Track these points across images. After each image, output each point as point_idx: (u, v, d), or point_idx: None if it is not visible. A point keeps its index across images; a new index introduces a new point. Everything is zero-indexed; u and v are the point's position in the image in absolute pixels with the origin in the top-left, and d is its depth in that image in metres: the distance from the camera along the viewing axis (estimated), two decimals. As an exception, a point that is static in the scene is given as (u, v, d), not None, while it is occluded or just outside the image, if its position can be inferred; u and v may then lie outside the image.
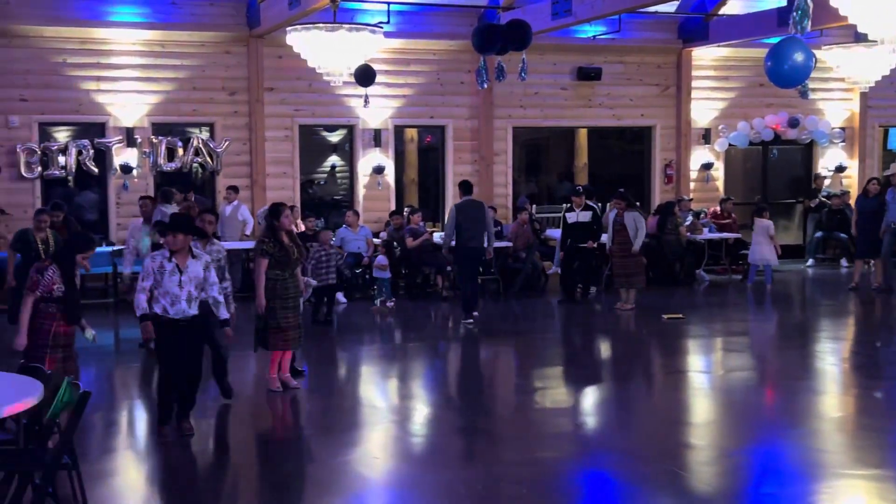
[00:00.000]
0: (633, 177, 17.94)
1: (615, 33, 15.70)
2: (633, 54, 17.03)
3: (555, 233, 14.55)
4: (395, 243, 14.46)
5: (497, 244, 14.59)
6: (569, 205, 13.73)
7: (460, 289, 12.82)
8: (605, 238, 13.47)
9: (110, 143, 14.37)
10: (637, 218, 12.90)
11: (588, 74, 16.74)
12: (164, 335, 7.12)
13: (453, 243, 12.09)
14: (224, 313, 7.38)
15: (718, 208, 16.86)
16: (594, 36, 16.03)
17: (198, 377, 7.33)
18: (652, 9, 15.19)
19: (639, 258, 13.02)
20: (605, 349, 11.49)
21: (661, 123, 17.48)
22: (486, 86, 12.53)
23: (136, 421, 8.22)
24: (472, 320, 12.06)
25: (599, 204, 14.80)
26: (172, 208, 11.64)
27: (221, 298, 7.36)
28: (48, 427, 5.50)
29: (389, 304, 13.15)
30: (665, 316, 12.38)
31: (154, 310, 7.05)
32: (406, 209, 15.08)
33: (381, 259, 13.43)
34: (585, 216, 13.38)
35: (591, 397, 9.12)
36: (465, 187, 12.33)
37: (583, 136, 17.84)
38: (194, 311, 7.15)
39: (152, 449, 7.27)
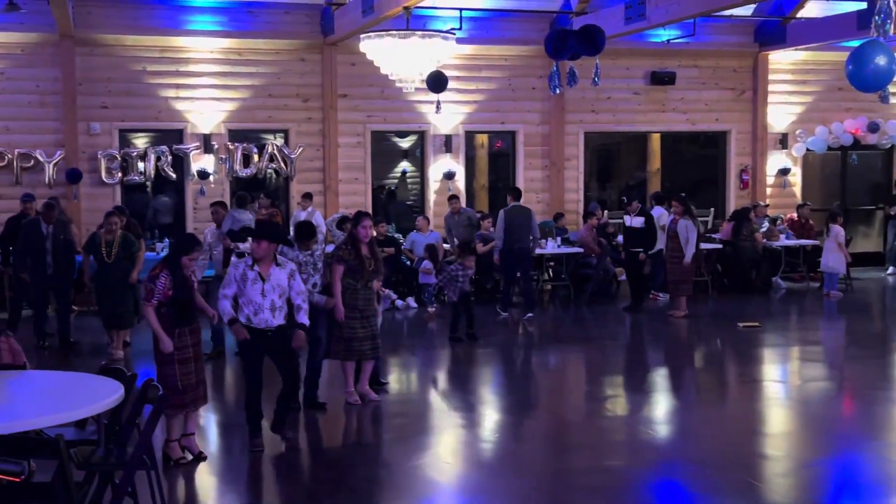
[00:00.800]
0: (708, 182, 17.72)
1: (690, 37, 15.54)
2: (707, 58, 16.81)
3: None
4: (451, 230, 14.35)
5: (567, 250, 14.60)
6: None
7: (503, 287, 13.49)
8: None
9: (188, 149, 14.66)
10: (689, 227, 12.66)
11: (661, 79, 16.58)
12: (248, 345, 7.00)
13: (500, 245, 12.85)
14: (303, 318, 7.15)
15: (795, 215, 16.53)
16: (668, 40, 15.87)
17: (292, 386, 7.25)
18: (727, 12, 15.00)
19: (688, 266, 12.75)
20: (677, 357, 11.34)
21: (736, 128, 17.22)
22: (558, 91, 12.49)
23: (211, 423, 8.36)
24: (527, 315, 12.76)
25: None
26: (245, 214, 11.70)
27: (305, 306, 7.18)
28: (128, 427, 5.63)
29: (431, 309, 13.32)
30: (741, 324, 12.18)
31: (239, 319, 6.97)
32: (477, 215, 15.08)
33: (426, 264, 13.39)
34: (638, 222, 13.27)
35: (663, 406, 9.01)
36: (514, 193, 13.27)
37: (655, 140, 17.67)
38: (279, 320, 7.01)
39: (228, 451, 7.40)
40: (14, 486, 5.04)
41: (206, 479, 6.74)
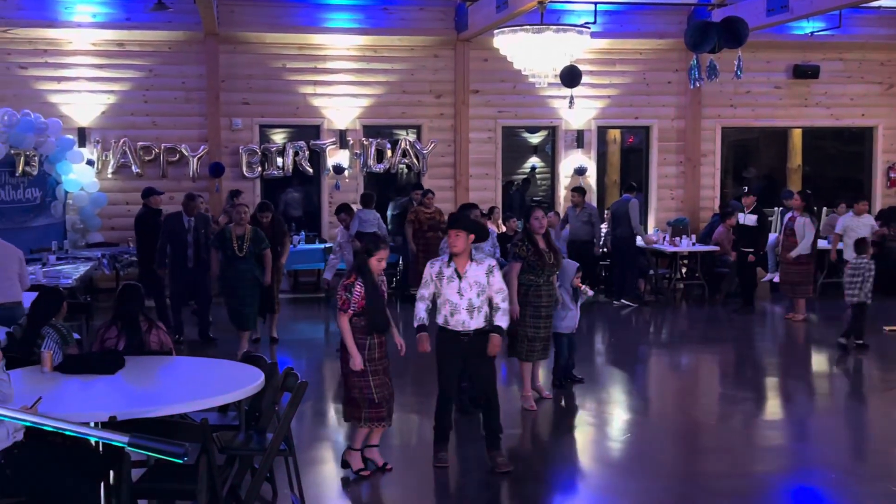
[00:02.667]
0: (852, 180, 17.05)
1: (835, 29, 14.94)
2: (853, 51, 16.16)
3: (770, 237, 13.85)
4: (569, 223, 13.97)
5: (701, 248, 14.24)
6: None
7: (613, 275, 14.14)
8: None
9: (324, 144, 15.00)
10: (807, 224, 12.09)
11: (804, 72, 16.03)
12: (443, 348, 6.53)
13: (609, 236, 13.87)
14: (502, 320, 6.52)
15: (947, 214, 15.70)
16: (812, 32, 15.31)
17: (490, 399, 6.64)
18: (875, 3, 14.37)
19: (807, 266, 12.22)
20: (817, 360, 10.95)
21: (884, 123, 16.51)
22: (698, 85, 12.22)
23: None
24: (628, 303, 13.30)
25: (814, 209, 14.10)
26: (371, 213, 11.64)
27: (505, 305, 6.54)
28: (268, 414, 5.80)
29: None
30: (887, 328, 11.66)
31: (436, 320, 6.54)
32: (606, 212, 14.89)
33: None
34: (750, 220, 12.78)
35: (803, 410, 8.70)
36: (628, 187, 14.09)
37: (797, 136, 17.10)
38: (478, 323, 6.46)
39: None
40: (161, 466, 5.28)
41: (337, 466, 6.85)
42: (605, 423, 8.10)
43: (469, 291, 6.40)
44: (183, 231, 10.86)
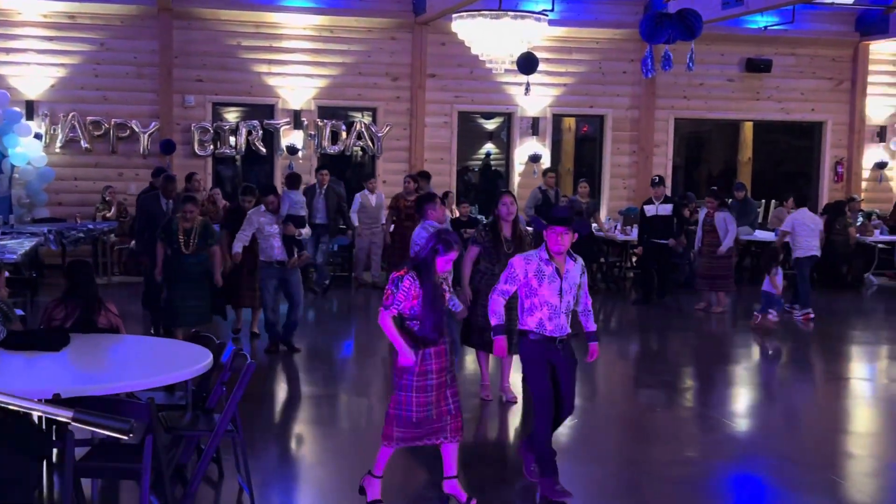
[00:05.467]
0: (800, 174, 17.34)
1: (788, 24, 15.18)
2: (805, 46, 16.40)
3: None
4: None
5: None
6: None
7: None
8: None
9: (278, 124, 14.88)
10: (727, 219, 12.26)
11: (757, 66, 16.24)
12: (538, 357, 5.74)
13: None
14: (591, 324, 6.00)
15: None
16: (765, 27, 15.52)
17: (567, 415, 6.00)
18: (829, -1, 14.61)
19: (727, 261, 12.40)
20: (759, 351, 11.13)
21: (832, 119, 16.79)
22: (651, 75, 12.32)
23: (298, 396, 8.49)
24: None
25: (760, 201, 14.31)
26: (300, 195, 11.25)
27: (591, 307, 6.01)
28: (215, 394, 5.76)
29: (771, 316, 11.52)
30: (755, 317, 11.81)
31: (526, 324, 5.77)
32: (563, 199, 14.96)
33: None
34: (665, 209, 12.79)
35: (745, 400, 8.86)
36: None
37: (748, 129, 17.34)
38: (568, 328, 5.80)
39: (316, 423, 7.49)
40: (106, 444, 5.22)
41: (289, 447, 6.81)
42: (552, 408, 8.15)
43: (568, 293, 5.72)
44: (161, 214, 9.98)
